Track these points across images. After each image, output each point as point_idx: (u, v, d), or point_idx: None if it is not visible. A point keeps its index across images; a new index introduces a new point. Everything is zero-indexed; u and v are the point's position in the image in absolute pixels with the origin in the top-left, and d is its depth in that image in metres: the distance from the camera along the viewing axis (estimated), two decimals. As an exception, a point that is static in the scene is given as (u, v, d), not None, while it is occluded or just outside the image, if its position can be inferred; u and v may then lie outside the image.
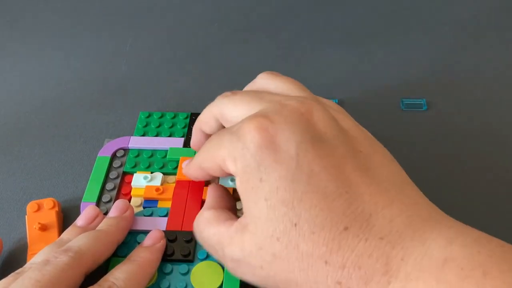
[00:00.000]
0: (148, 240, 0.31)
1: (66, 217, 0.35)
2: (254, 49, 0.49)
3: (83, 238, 0.29)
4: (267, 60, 0.48)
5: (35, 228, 0.32)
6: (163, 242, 0.31)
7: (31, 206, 0.34)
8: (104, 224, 0.31)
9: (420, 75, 0.46)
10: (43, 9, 0.54)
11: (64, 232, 0.31)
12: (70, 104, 0.43)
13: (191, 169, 0.31)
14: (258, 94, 0.29)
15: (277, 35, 0.51)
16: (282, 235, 0.24)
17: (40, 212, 0.33)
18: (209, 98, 0.45)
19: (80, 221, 0.32)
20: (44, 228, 0.33)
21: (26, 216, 0.34)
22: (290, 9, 0.54)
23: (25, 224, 0.33)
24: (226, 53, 0.48)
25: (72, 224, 0.31)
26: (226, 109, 0.29)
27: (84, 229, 0.31)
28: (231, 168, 0.26)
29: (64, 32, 0.51)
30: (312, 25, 0.52)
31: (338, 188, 0.24)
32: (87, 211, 0.32)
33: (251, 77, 0.47)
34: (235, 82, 0.46)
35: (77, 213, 0.35)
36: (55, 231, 0.33)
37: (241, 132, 0.26)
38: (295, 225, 0.24)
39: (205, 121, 0.32)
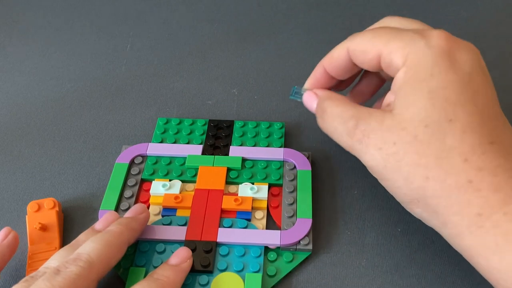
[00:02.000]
0: (174, 258, 0.30)
1: (67, 217, 0.35)
2: (254, 49, 0.49)
3: (93, 243, 0.28)
4: (267, 60, 0.48)
5: (36, 228, 0.32)
6: (189, 262, 0.30)
7: (31, 206, 0.34)
8: (115, 224, 0.30)
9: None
10: (43, 9, 0.54)
11: (82, 234, 0.30)
12: (70, 104, 0.43)
13: (331, 54, 0.32)
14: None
15: (277, 35, 0.51)
16: (432, 124, 0.26)
17: (40, 212, 0.33)
18: (209, 98, 0.45)
19: (99, 225, 0.31)
20: (44, 228, 0.33)
21: (26, 216, 0.34)
22: (290, 9, 0.54)
23: (26, 224, 0.33)
24: (226, 53, 0.49)
25: (91, 227, 0.31)
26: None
27: None
28: (397, 59, 0.28)
29: (64, 32, 0.51)
30: (312, 25, 0.52)
31: (495, 114, 0.27)
32: (107, 216, 0.31)
33: (251, 77, 0.48)
34: (235, 82, 0.46)
35: (77, 213, 0.35)
36: (55, 231, 0.33)
37: (428, 34, 0.27)
38: (450, 120, 0.26)
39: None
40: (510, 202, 0.24)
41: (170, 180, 0.36)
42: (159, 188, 0.35)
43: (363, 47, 0.29)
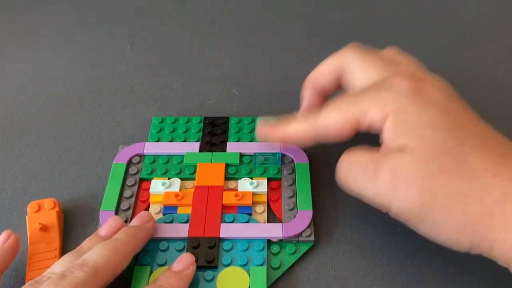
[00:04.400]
0: (177, 265, 0.30)
1: (67, 218, 0.35)
2: (254, 49, 0.49)
3: (100, 250, 0.28)
4: (267, 60, 0.48)
5: (36, 228, 0.32)
6: (192, 269, 0.30)
7: (31, 206, 0.34)
8: (122, 233, 0.30)
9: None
10: (43, 9, 0.54)
11: (86, 240, 0.30)
12: (70, 104, 0.43)
13: (296, 131, 0.31)
14: (391, 61, 0.31)
15: (277, 35, 0.51)
16: (449, 151, 0.26)
17: (40, 212, 0.33)
18: (209, 98, 0.45)
19: (103, 231, 0.31)
20: (44, 228, 0.33)
21: (26, 216, 0.34)
22: (290, 9, 0.54)
23: (26, 225, 0.33)
24: (226, 53, 0.48)
25: (95, 233, 0.31)
26: (354, 66, 0.32)
27: (106, 239, 0.30)
28: (377, 115, 0.28)
29: (64, 32, 0.51)
30: (312, 25, 0.52)
31: (484, 132, 0.27)
32: (111, 221, 0.31)
33: (251, 77, 0.48)
34: (235, 82, 0.46)
35: (77, 213, 0.35)
36: (55, 231, 0.33)
37: (390, 83, 0.28)
38: (462, 142, 0.26)
39: (322, 72, 0.33)
40: None
41: (169, 179, 0.36)
42: (158, 187, 0.35)
43: (339, 124, 0.29)
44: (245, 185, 0.35)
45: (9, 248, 0.30)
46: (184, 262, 0.30)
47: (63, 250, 0.33)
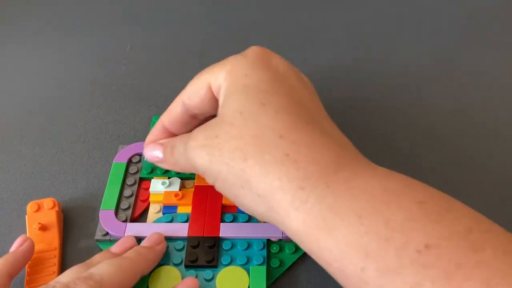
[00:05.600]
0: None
1: (67, 217, 0.35)
2: (254, 49, 0.49)
3: (107, 265, 0.28)
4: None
5: (35, 228, 0.32)
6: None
7: (31, 206, 0.34)
8: (132, 252, 0.30)
9: (420, 75, 0.46)
10: (43, 9, 0.54)
11: (97, 254, 0.30)
12: (70, 104, 0.43)
13: (169, 115, 0.32)
14: None
15: (277, 35, 0.51)
16: (246, 111, 0.27)
17: (40, 212, 0.33)
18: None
19: (115, 248, 0.31)
20: (44, 228, 0.33)
21: (26, 216, 0.34)
22: (289, 8, 0.54)
23: (25, 224, 0.33)
24: (226, 53, 0.48)
25: (107, 249, 0.31)
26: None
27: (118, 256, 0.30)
28: (221, 77, 0.29)
29: (64, 32, 0.51)
30: (312, 25, 0.52)
31: (315, 109, 0.28)
32: (125, 241, 0.31)
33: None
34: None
35: (77, 213, 0.35)
36: (55, 231, 0.33)
37: (246, 51, 0.30)
38: (263, 104, 0.27)
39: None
40: (331, 173, 0.24)
41: (169, 178, 0.36)
42: (158, 186, 0.35)
43: (194, 88, 0.31)
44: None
45: (23, 252, 0.30)
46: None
47: (63, 250, 0.33)
